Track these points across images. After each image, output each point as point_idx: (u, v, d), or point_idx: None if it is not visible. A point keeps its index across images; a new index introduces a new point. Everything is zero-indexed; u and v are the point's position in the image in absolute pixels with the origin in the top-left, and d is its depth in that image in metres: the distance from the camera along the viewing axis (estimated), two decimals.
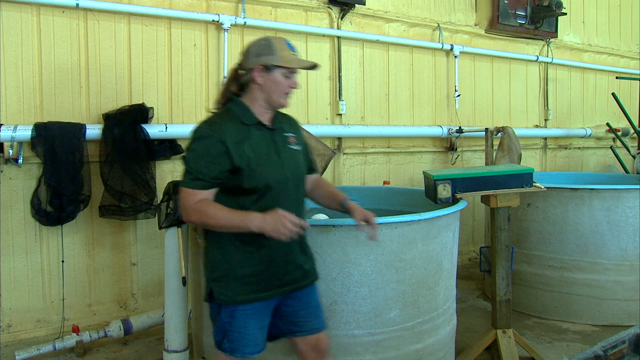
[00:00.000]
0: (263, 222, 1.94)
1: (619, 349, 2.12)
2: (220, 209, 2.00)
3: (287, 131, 2.24)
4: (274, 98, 2.14)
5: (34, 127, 3.50)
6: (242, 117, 2.10)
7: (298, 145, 2.24)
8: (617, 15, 7.52)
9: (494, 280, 3.29)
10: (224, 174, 2.02)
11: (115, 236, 3.98)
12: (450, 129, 5.53)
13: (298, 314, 2.22)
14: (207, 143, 2.02)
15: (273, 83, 2.10)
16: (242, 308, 2.09)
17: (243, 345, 2.10)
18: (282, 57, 2.08)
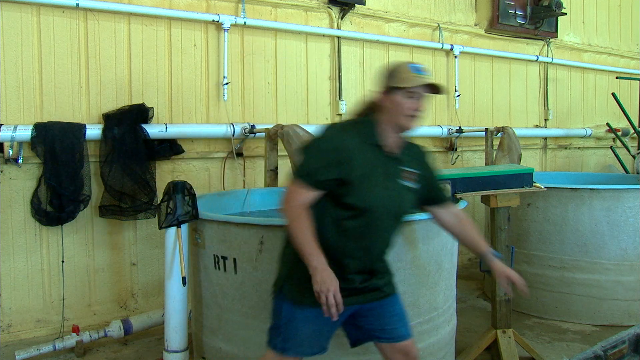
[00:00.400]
0: (318, 274, 1.94)
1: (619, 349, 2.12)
2: (307, 229, 1.99)
3: (408, 166, 2.17)
4: (396, 120, 2.08)
5: (34, 127, 3.50)
6: (366, 135, 2.09)
7: (412, 183, 2.17)
8: (617, 15, 7.52)
9: (494, 280, 3.28)
10: (332, 182, 2.02)
11: (115, 236, 3.98)
12: (450, 129, 5.53)
13: (381, 322, 2.22)
14: (327, 147, 2.04)
15: (394, 105, 2.06)
16: (304, 312, 2.09)
17: (297, 346, 2.12)
18: (402, 78, 2.06)
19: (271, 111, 4.64)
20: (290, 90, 4.74)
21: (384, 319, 2.22)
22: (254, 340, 2.69)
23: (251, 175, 4.52)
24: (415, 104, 2.06)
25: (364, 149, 2.06)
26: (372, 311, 2.21)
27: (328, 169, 2.00)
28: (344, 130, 2.11)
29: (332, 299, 1.93)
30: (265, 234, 2.61)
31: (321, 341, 2.17)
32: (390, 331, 2.22)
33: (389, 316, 2.22)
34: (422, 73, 2.06)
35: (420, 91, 2.06)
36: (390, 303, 2.24)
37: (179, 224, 2.88)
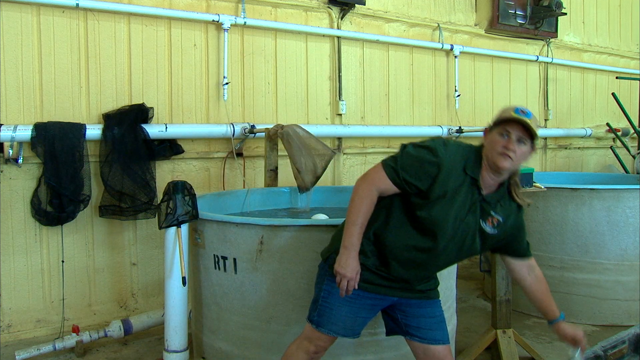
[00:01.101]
0: (345, 256, 2.03)
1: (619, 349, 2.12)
2: (362, 212, 2.04)
3: (494, 211, 2.11)
4: (490, 157, 2.03)
5: (34, 127, 3.50)
6: (467, 164, 2.05)
7: (492, 229, 2.12)
8: (617, 15, 7.52)
9: (494, 280, 3.29)
10: (413, 187, 2.02)
11: (115, 236, 3.98)
12: (450, 129, 5.53)
13: (418, 321, 2.23)
14: (428, 158, 2.02)
15: (490, 142, 2.04)
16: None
17: (330, 323, 2.16)
18: (499, 116, 2.04)
19: (271, 111, 4.64)
20: (290, 90, 4.74)
21: (421, 319, 2.23)
22: (254, 340, 2.69)
23: (251, 175, 4.52)
24: (507, 142, 1.99)
25: (460, 175, 2.03)
26: (410, 308, 2.22)
27: (416, 175, 2.01)
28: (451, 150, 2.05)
29: (346, 285, 2.03)
30: (265, 234, 2.61)
31: (355, 325, 2.20)
32: (425, 332, 2.22)
33: (427, 316, 2.24)
34: (521, 114, 1.98)
35: (512, 130, 1.98)
36: (430, 305, 2.26)
37: (179, 224, 2.88)
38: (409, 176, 2.01)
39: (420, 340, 2.22)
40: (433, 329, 2.23)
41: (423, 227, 2.05)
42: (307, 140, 3.74)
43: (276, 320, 2.66)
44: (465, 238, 2.08)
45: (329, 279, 2.16)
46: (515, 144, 1.98)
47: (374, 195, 2.05)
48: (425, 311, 2.24)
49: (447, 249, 2.08)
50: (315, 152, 3.73)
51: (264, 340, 2.65)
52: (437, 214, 2.01)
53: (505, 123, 2.00)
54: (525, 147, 2.01)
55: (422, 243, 2.06)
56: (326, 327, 2.16)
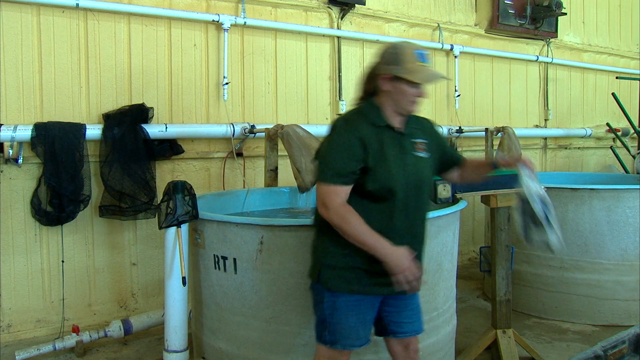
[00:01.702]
0: (391, 255, 1.98)
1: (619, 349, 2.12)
2: (361, 223, 2.00)
3: (418, 137, 2.19)
4: (401, 106, 2.11)
5: (34, 127, 3.51)
6: (373, 118, 2.11)
7: (426, 153, 2.19)
8: (617, 15, 7.52)
9: (494, 280, 3.29)
10: (358, 170, 2.04)
11: (115, 236, 3.98)
12: (451, 129, 5.53)
13: (400, 315, 2.23)
14: (346, 139, 2.05)
15: (399, 92, 2.09)
16: (345, 300, 2.09)
17: (344, 337, 2.12)
18: (407, 69, 2.06)
19: (271, 111, 4.64)
20: (290, 90, 4.74)
21: (403, 312, 2.23)
22: (254, 340, 2.69)
23: (251, 175, 4.52)
24: (419, 92, 2.09)
25: (374, 132, 2.08)
26: (397, 301, 2.21)
27: (353, 159, 2.02)
28: (352, 121, 2.11)
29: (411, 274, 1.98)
30: (265, 234, 2.61)
31: (366, 331, 2.18)
32: (406, 325, 2.24)
33: (408, 309, 2.24)
34: (427, 61, 2.09)
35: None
36: (412, 295, 2.24)
37: (179, 224, 2.88)
38: (350, 166, 2.01)
39: (402, 335, 2.24)
40: (412, 321, 2.25)
41: (382, 194, 2.05)
42: (307, 140, 3.74)
43: (276, 320, 2.66)
44: (417, 175, 2.13)
45: (329, 295, 2.10)
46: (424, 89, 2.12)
47: (348, 206, 2.02)
48: (406, 304, 2.23)
49: (410, 196, 2.09)
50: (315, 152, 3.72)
51: (264, 340, 2.65)
52: (384, 174, 2.04)
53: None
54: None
55: (389, 208, 2.06)
56: (341, 343, 2.12)
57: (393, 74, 2.07)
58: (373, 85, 2.16)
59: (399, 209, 2.07)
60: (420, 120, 2.28)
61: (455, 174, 2.42)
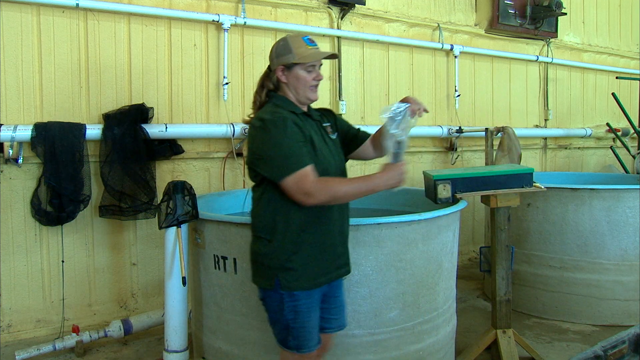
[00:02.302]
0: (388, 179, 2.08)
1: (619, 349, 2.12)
2: (342, 181, 2.09)
3: (324, 122, 2.34)
4: (302, 93, 2.20)
5: (34, 127, 3.51)
6: (290, 108, 2.16)
7: (334, 134, 2.34)
8: (617, 15, 7.52)
9: (494, 280, 3.29)
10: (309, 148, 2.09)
11: (115, 236, 3.98)
12: (450, 129, 5.53)
13: (331, 311, 2.26)
14: (285, 128, 2.02)
15: (296, 80, 2.18)
16: (304, 302, 2.07)
17: (308, 340, 2.11)
18: (298, 54, 2.17)
19: None
20: None
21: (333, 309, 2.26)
22: (254, 340, 2.69)
23: None
24: (317, 75, 2.21)
25: (298, 119, 2.15)
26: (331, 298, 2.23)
27: (302, 144, 2.04)
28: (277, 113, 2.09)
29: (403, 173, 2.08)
30: None
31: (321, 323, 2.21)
32: (333, 321, 2.27)
33: (337, 305, 2.28)
34: (316, 45, 2.23)
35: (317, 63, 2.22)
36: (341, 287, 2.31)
37: (179, 224, 2.88)
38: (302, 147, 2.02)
39: (330, 330, 2.27)
40: (339, 316, 2.29)
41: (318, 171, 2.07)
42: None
43: None
44: (339, 157, 2.31)
45: (289, 300, 2.05)
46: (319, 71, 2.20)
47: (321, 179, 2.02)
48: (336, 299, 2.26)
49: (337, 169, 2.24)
50: None
51: (264, 340, 2.65)
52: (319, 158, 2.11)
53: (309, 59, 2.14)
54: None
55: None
56: (307, 346, 2.11)
57: (286, 63, 2.17)
58: (273, 84, 2.25)
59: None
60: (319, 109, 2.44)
61: (369, 149, 2.52)
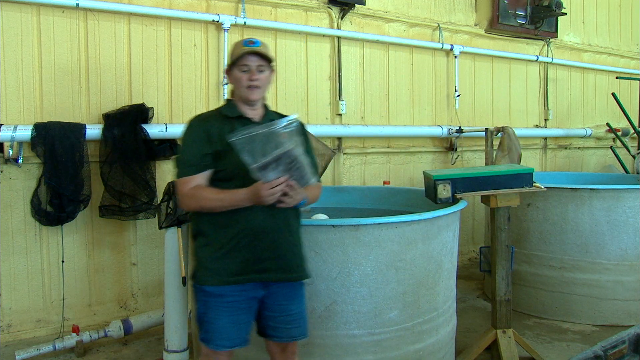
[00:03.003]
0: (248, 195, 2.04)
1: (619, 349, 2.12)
2: (211, 191, 2.12)
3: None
4: (241, 94, 2.24)
5: (34, 127, 3.50)
6: (226, 112, 2.26)
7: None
8: (617, 15, 7.52)
9: (494, 280, 3.29)
10: (209, 156, 2.15)
11: (115, 236, 3.98)
12: (450, 129, 5.53)
13: (277, 319, 2.24)
14: (193, 132, 2.21)
15: (235, 80, 2.24)
16: (215, 300, 2.14)
17: (215, 337, 2.16)
18: (232, 54, 2.24)
19: None
20: (290, 90, 4.74)
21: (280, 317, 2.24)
22: (254, 340, 2.68)
23: None
24: (250, 76, 2.19)
25: (227, 122, 2.20)
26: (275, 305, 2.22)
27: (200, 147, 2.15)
28: (203, 116, 2.29)
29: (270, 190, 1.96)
30: None
31: (240, 333, 2.19)
32: (282, 330, 2.25)
33: (285, 314, 2.25)
34: (249, 46, 2.18)
35: (249, 62, 2.18)
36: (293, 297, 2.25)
37: (179, 224, 2.89)
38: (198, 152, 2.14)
39: (278, 339, 2.26)
40: (290, 327, 2.26)
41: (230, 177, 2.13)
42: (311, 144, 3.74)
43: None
44: None
45: (201, 294, 2.18)
46: (257, 74, 2.19)
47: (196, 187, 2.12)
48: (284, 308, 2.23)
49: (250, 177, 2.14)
50: (315, 152, 3.72)
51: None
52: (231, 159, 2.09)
53: (241, 59, 2.17)
54: (266, 72, 2.23)
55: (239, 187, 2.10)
56: (213, 342, 2.16)
57: (228, 65, 2.25)
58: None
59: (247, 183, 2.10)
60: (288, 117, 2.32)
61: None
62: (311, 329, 2.63)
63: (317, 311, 2.62)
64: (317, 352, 2.65)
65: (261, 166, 1.93)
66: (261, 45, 2.21)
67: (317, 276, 2.59)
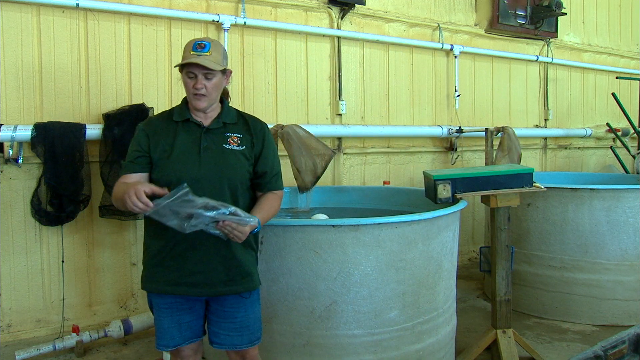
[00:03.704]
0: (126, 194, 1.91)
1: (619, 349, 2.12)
2: (120, 185, 2.08)
3: (234, 132, 2.20)
4: (189, 100, 2.18)
5: (34, 127, 3.50)
6: (175, 114, 2.22)
7: (239, 146, 2.18)
8: (617, 15, 7.52)
9: (494, 280, 3.29)
10: (144, 159, 2.14)
11: (115, 236, 3.98)
12: (450, 129, 5.53)
13: (219, 324, 2.21)
14: (136, 135, 2.20)
15: (184, 85, 2.17)
16: (157, 301, 2.18)
17: (158, 337, 2.19)
18: (183, 56, 2.14)
19: (271, 111, 4.64)
20: (290, 90, 4.74)
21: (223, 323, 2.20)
22: None
23: None
24: (195, 84, 2.10)
25: (170, 126, 2.17)
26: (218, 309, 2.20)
27: (137, 150, 2.15)
28: (150, 118, 2.30)
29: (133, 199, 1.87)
30: (265, 234, 2.61)
31: (183, 332, 2.19)
32: (223, 337, 2.22)
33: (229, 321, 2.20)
34: (198, 50, 2.08)
35: (196, 71, 2.09)
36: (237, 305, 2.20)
37: None
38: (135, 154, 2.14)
39: (218, 346, 2.23)
40: (232, 334, 2.21)
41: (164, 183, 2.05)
42: (307, 140, 3.74)
43: (276, 320, 2.66)
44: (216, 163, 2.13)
45: (147, 295, 2.22)
46: (203, 81, 2.09)
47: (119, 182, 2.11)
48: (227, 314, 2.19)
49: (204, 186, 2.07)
50: (315, 152, 3.73)
51: (264, 340, 2.65)
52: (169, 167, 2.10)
53: (187, 66, 2.10)
54: (215, 79, 2.12)
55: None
56: (158, 342, 2.19)
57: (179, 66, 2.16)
58: None
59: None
60: (248, 120, 2.27)
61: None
62: (311, 329, 2.63)
63: (317, 311, 2.62)
64: (317, 352, 2.65)
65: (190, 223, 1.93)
66: (210, 51, 2.07)
67: (317, 276, 2.60)
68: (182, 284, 2.13)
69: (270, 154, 2.26)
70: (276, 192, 2.28)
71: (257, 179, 2.23)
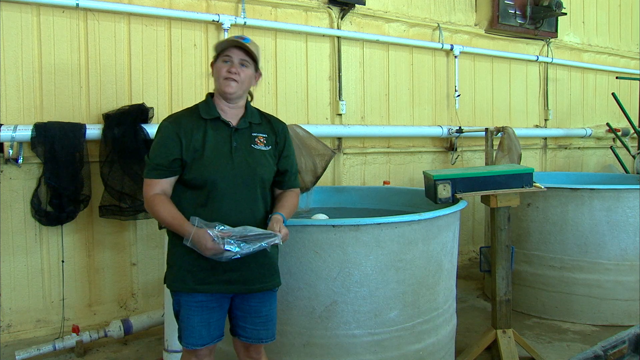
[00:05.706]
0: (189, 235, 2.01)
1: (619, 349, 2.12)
2: (165, 208, 2.09)
3: (259, 131, 2.27)
4: (218, 86, 2.20)
5: (34, 127, 3.50)
6: (202, 111, 2.21)
7: (266, 146, 2.26)
8: (617, 15, 7.52)
9: (494, 280, 3.29)
10: (177, 162, 2.13)
11: (115, 236, 3.98)
12: (450, 129, 5.53)
13: (246, 320, 2.24)
14: (163, 134, 2.16)
15: (215, 71, 2.20)
16: (186, 299, 2.16)
17: (186, 336, 2.17)
18: (219, 45, 2.20)
19: (271, 111, 4.60)
20: (290, 90, 4.74)
21: (249, 318, 2.24)
22: None
23: None
24: (229, 66, 2.16)
25: (200, 124, 2.16)
26: (245, 305, 2.23)
27: (168, 152, 2.12)
28: (177, 116, 2.22)
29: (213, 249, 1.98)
30: None
31: (211, 331, 2.20)
32: (250, 331, 2.25)
33: (254, 315, 2.24)
34: (239, 38, 2.17)
35: (232, 55, 2.15)
36: (262, 299, 2.24)
37: None
38: (165, 157, 2.12)
39: (245, 339, 2.26)
40: (258, 328, 2.25)
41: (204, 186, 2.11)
42: (307, 140, 3.74)
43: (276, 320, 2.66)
44: (248, 163, 2.17)
45: (174, 294, 2.20)
46: (238, 67, 2.16)
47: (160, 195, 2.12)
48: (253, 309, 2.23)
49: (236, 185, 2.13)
50: (315, 152, 3.73)
51: None
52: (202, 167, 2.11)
53: (225, 50, 2.15)
54: (249, 70, 2.20)
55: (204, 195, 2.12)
56: (184, 341, 2.18)
57: (214, 58, 2.22)
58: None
59: (217, 198, 2.12)
60: (271, 120, 2.36)
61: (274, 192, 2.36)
62: (311, 329, 2.63)
63: (317, 311, 2.62)
64: (317, 352, 2.65)
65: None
66: (250, 42, 2.19)
67: (317, 276, 2.60)
68: (216, 282, 2.14)
69: (292, 153, 2.36)
70: (294, 189, 2.37)
71: (278, 176, 2.31)
